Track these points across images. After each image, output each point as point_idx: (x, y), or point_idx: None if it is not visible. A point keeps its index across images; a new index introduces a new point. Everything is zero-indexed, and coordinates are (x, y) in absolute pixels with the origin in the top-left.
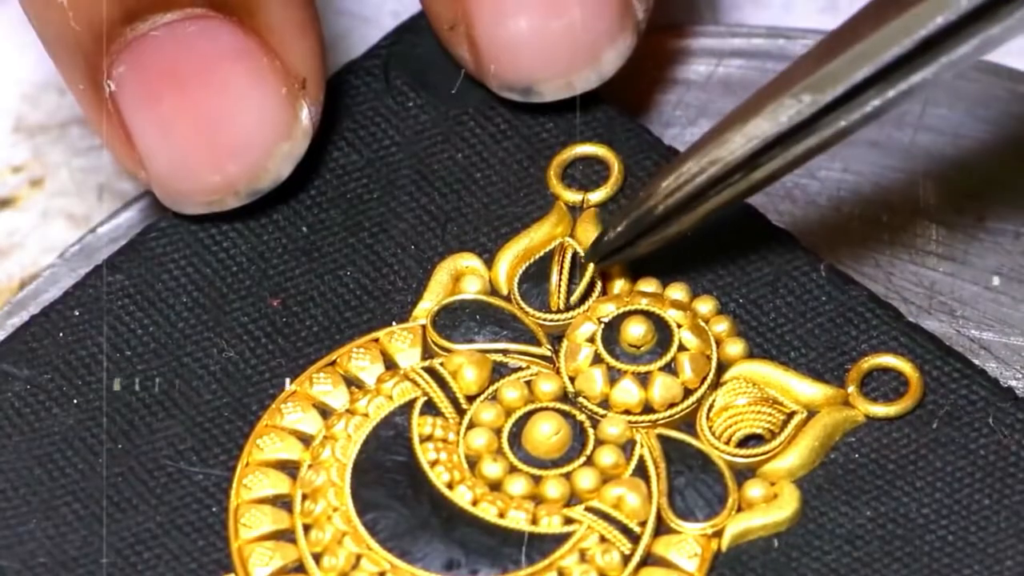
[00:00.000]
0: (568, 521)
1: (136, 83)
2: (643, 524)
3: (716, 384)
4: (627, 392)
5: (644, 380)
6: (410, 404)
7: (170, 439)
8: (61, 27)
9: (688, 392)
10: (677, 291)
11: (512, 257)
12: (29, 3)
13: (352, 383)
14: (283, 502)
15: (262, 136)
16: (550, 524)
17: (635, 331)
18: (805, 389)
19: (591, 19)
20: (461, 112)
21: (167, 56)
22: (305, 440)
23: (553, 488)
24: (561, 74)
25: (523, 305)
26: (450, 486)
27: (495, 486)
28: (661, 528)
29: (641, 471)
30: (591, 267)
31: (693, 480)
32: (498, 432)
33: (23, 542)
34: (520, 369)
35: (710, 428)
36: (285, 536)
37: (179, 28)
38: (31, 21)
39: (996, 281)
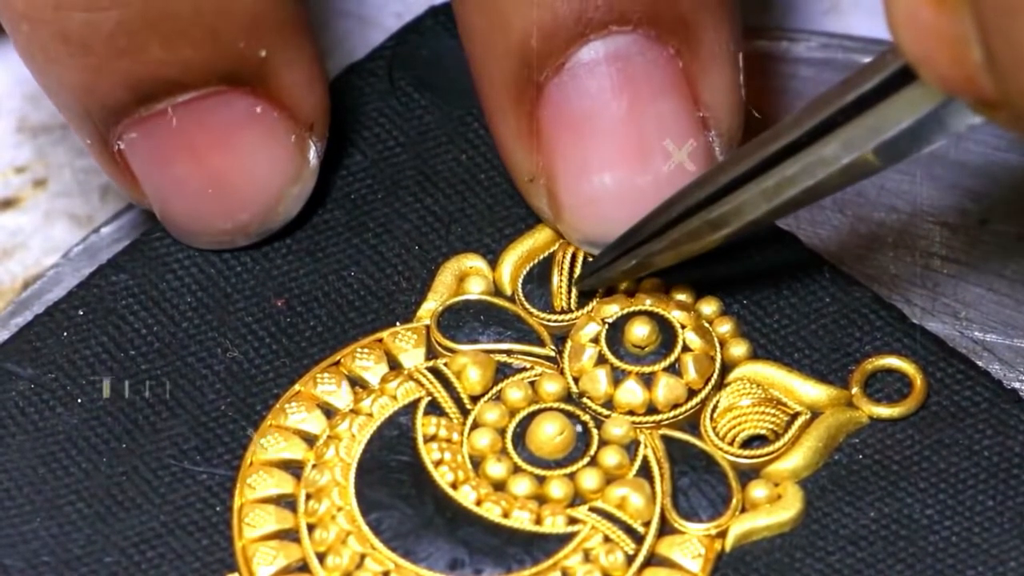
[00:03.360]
0: (572, 521)
1: (148, 150)
2: (647, 524)
3: (720, 385)
4: (631, 393)
5: (648, 381)
6: (414, 404)
7: (174, 439)
8: (71, 101)
9: (692, 393)
10: (681, 292)
11: (516, 258)
12: (38, 78)
13: (356, 383)
14: (287, 502)
15: (274, 185)
16: (554, 524)
17: (639, 332)
18: (809, 390)
19: (677, 173)
20: (465, 113)
21: (181, 130)
22: (309, 440)
23: (557, 488)
24: None
25: (527, 306)
26: (454, 486)
27: (499, 486)
28: (665, 528)
29: (645, 471)
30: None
31: (697, 481)
32: (502, 432)
33: (27, 541)
34: (524, 369)
35: (714, 429)
36: (289, 535)
37: (194, 104)
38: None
39: (1000, 283)
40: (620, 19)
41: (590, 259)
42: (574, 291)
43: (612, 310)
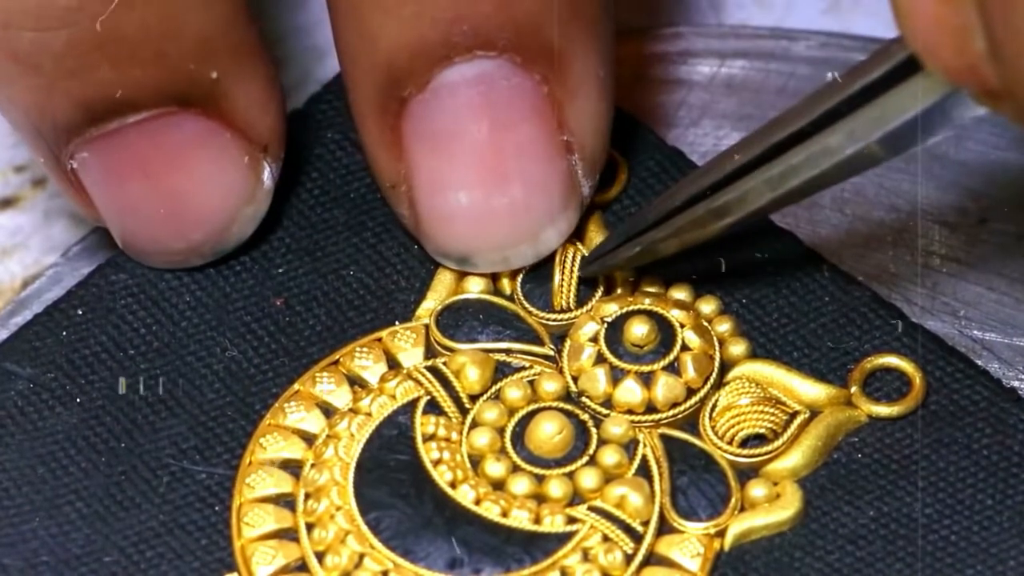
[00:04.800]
0: (571, 520)
1: (99, 169)
2: (646, 524)
3: (719, 384)
4: (630, 392)
5: (647, 380)
6: (413, 403)
7: (173, 438)
8: (23, 121)
9: (691, 392)
10: (680, 291)
11: None
12: None
13: (355, 382)
14: (286, 501)
15: (227, 206)
16: (553, 523)
17: (638, 331)
18: (808, 389)
19: (533, 199)
20: None
21: (132, 150)
22: (308, 439)
23: (556, 487)
24: (497, 249)
25: (526, 304)
26: (453, 485)
27: (498, 485)
28: (664, 528)
29: (644, 471)
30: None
31: (696, 480)
32: (501, 431)
33: (26, 540)
34: (523, 368)
35: (713, 428)
36: (288, 535)
37: (145, 125)
38: None
39: (999, 282)
40: (486, 44)
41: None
42: (573, 290)
43: (611, 309)
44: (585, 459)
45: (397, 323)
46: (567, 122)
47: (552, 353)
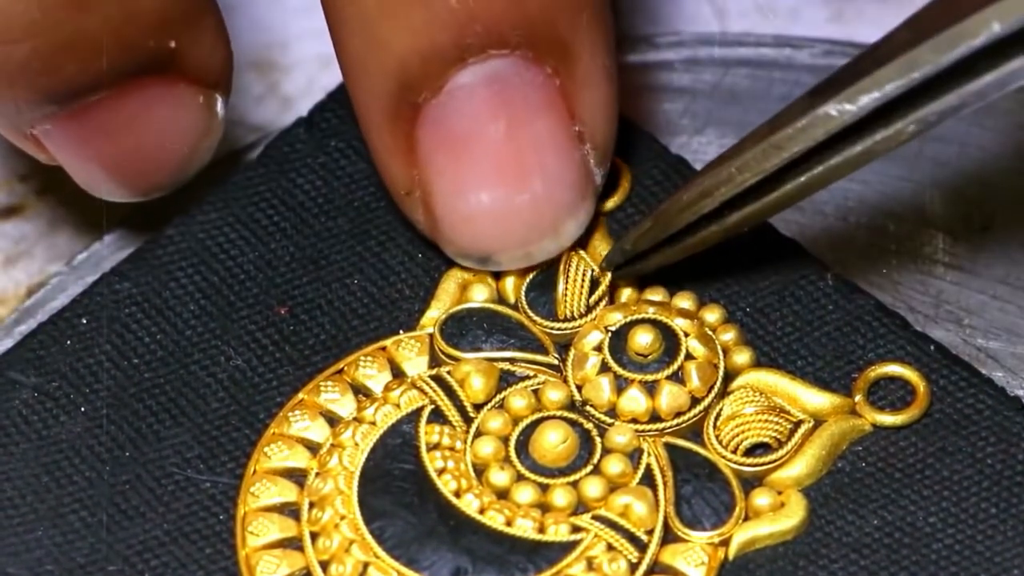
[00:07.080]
0: (575, 529)
1: (63, 138)
2: (650, 532)
3: (723, 393)
4: (634, 401)
5: (651, 389)
6: (417, 412)
7: (177, 447)
8: None
9: (695, 401)
10: (684, 300)
11: None
12: None
13: (359, 391)
14: (290, 510)
15: (187, 146)
16: (557, 532)
17: (642, 340)
18: (812, 398)
19: (554, 192)
20: None
21: (96, 120)
22: (312, 448)
23: (560, 496)
24: (520, 245)
25: (530, 313)
26: (457, 494)
27: (502, 494)
28: (668, 536)
29: (648, 480)
30: (607, 276)
31: (700, 489)
32: (505, 440)
33: (30, 549)
34: (527, 378)
35: (717, 437)
36: (292, 544)
37: (106, 99)
38: None
39: (1003, 290)
40: (499, 43)
41: (628, 246)
42: (578, 299)
43: (615, 318)
44: (589, 468)
45: (401, 332)
46: (578, 112)
47: (556, 362)
